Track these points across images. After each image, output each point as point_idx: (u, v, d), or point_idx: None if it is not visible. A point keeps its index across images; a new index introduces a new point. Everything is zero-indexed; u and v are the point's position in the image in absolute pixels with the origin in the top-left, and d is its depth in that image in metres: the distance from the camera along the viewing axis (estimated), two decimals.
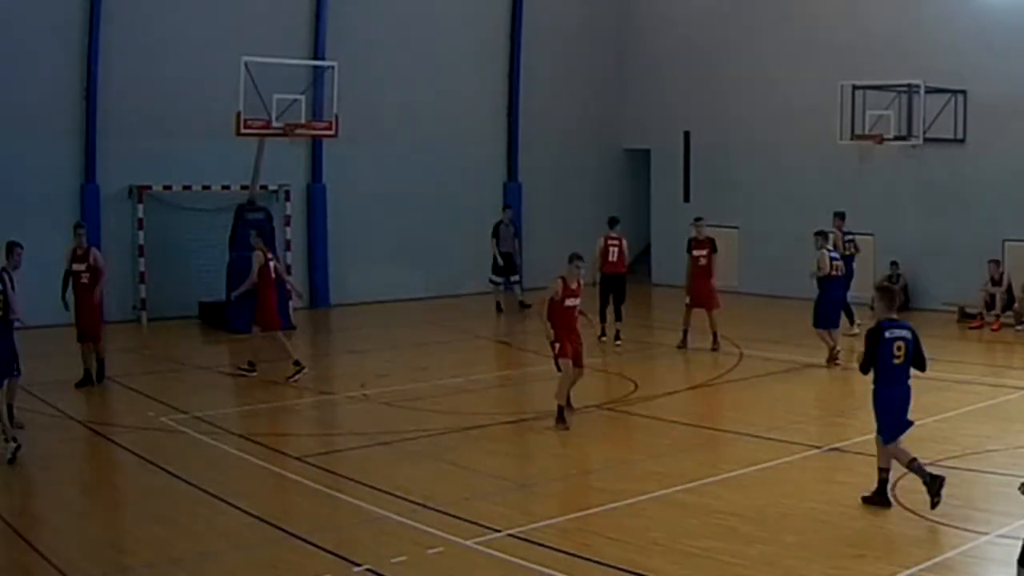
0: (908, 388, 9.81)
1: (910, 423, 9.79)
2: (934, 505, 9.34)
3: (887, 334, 9.79)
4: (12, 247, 12.86)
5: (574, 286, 13.13)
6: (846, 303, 18.16)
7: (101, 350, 15.46)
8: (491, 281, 23.08)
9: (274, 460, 11.52)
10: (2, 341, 12.02)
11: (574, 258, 13.32)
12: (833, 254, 17.08)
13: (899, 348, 9.78)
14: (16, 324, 12.37)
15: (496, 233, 23.01)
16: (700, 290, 18.21)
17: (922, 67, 20.66)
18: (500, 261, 22.88)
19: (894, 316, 10.01)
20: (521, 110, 26.34)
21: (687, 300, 18.40)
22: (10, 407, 12.62)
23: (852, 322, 19.10)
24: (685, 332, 18.28)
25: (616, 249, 18.91)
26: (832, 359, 16.64)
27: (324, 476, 10.97)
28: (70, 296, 15.24)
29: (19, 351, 12.46)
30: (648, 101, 27.28)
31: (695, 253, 18.36)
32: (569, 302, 13.05)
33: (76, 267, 15.12)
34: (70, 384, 15.15)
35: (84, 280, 15.11)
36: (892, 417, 9.67)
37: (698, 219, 18.88)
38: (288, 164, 21.94)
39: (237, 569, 8.49)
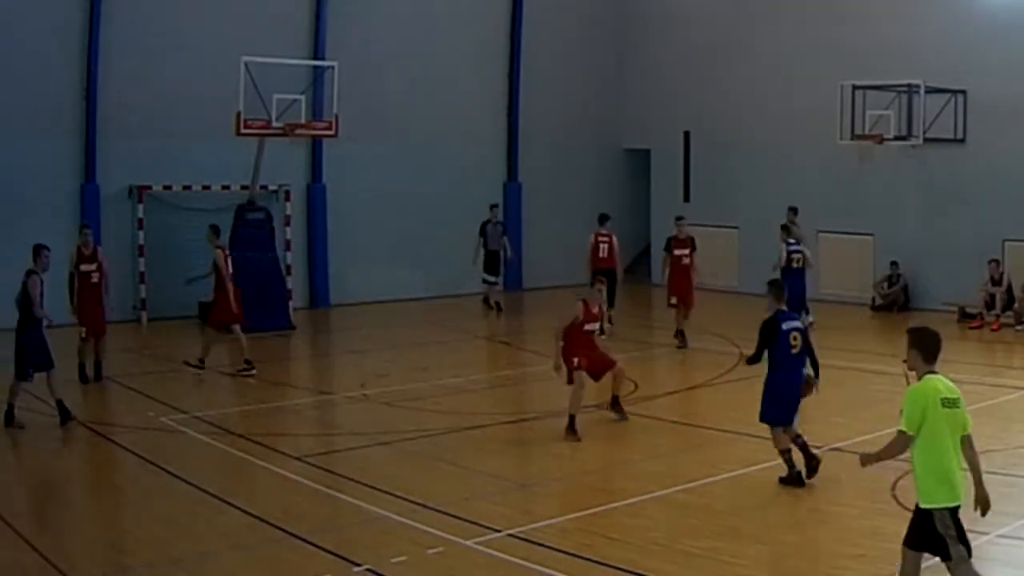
0: (803, 376, 10.55)
1: (794, 412, 10.57)
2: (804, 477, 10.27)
3: (784, 325, 10.43)
4: (39, 250, 13.17)
5: (595, 310, 12.84)
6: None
7: (102, 349, 15.51)
8: (484, 281, 23.07)
9: (274, 460, 11.52)
10: (32, 339, 12.63)
11: (596, 281, 13.13)
12: (794, 247, 17.74)
13: (795, 338, 10.47)
14: (45, 323, 12.79)
15: (483, 232, 23.05)
16: (683, 288, 18.43)
17: (922, 67, 20.67)
18: (491, 260, 22.95)
19: (784, 308, 10.54)
20: (521, 110, 26.34)
21: (672, 300, 18.61)
22: (11, 407, 12.66)
23: (807, 313, 19.24)
24: (681, 332, 18.41)
25: (607, 245, 19.33)
26: None
27: (324, 476, 10.98)
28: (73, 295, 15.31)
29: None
30: (648, 101, 27.28)
31: (676, 252, 18.66)
32: (588, 327, 12.71)
33: (85, 267, 15.24)
34: (70, 384, 15.15)
35: (95, 280, 15.32)
36: (780, 403, 10.46)
37: (679, 218, 19.20)
38: (288, 164, 21.94)
39: (237, 569, 8.49)
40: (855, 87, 20.98)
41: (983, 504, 7.02)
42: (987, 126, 21.09)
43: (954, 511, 6.81)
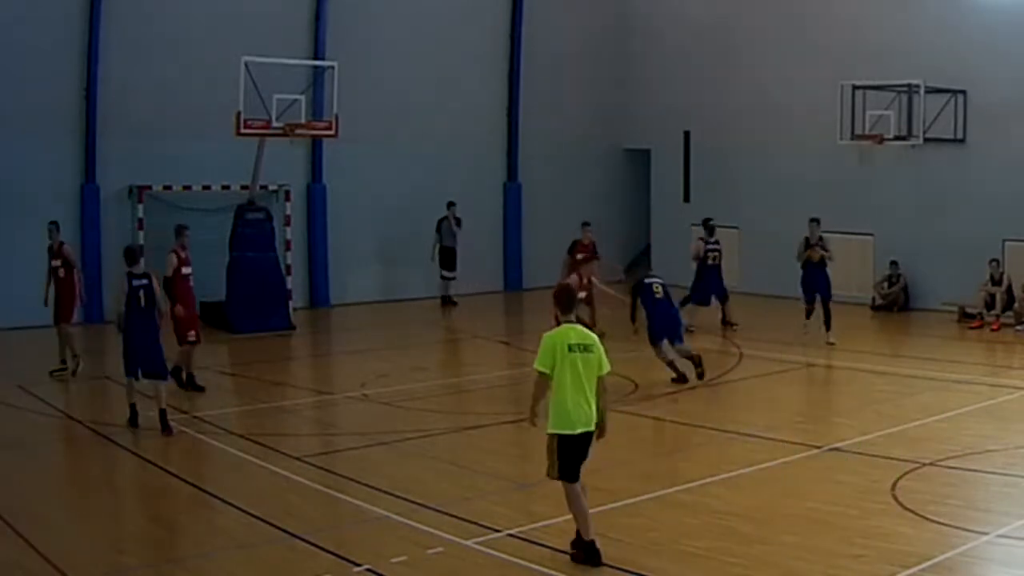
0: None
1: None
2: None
3: (646, 280, 15.35)
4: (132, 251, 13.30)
5: (585, 282, 15.26)
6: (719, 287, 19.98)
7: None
8: (442, 277, 23.27)
9: (274, 460, 11.51)
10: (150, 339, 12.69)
11: (587, 260, 15.32)
12: (712, 245, 19.63)
13: (656, 288, 15.24)
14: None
15: (439, 229, 23.21)
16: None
17: (922, 67, 20.65)
18: (448, 256, 23.40)
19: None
20: (521, 110, 26.34)
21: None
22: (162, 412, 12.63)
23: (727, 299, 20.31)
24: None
25: (716, 254, 20.03)
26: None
27: (324, 476, 10.98)
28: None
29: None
30: (648, 101, 27.27)
31: (579, 257, 18.81)
32: (580, 295, 14.35)
33: (186, 270, 14.92)
34: (70, 384, 15.17)
35: (191, 283, 15.05)
36: (666, 326, 15.19)
37: (585, 223, 19.56)
38: (288, 164, 21.93)
39: (237, 569, 8.49)
40: (855, 87, 20.96)
41: (600, 435, 8.48)
42: (987, 126, 21.08)
43: (569, 437, 8.28)
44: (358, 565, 8.34)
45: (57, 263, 15.82)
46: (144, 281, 12.81)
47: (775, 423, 13.03)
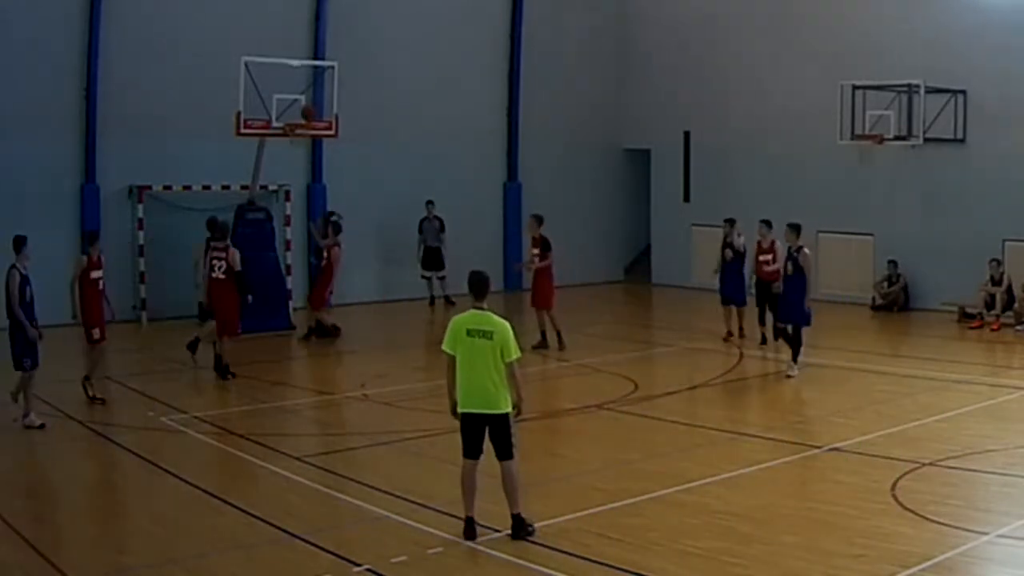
0: None
1: None
2: None
3: None
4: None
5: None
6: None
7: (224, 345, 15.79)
8: (422, 276, 23.30)
9: (274, 460, 11.52)
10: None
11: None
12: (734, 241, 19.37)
13: None
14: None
15: (420, 229, 23.29)
16: (534, 288, 18.48)
17: (922, 67, 20.67)
18: (430, 255, 23.40)
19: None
20: (521, 110, 26.33)
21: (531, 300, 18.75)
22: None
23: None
24: (543, 333, 18.27)
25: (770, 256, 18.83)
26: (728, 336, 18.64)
27: (324, 476, 10.98)
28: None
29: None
30: (648, 101, 27.27)
31: (532, 252, 18.64)
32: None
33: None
34: (70, 384, 15.14)
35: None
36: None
37: (534, 216, 18.79)
38: (288, 164, 21.93)
39: (237, 569, 8.49)
40: (855, 87, 20.97)
41: (517, 413, 9.04)
42: (987, 126, 21.09)
43: (467, 415, 8.88)
44: (358, 565, 8.34)
45: (99, 274, 14.57)
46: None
47: (775, 423, 13.03)
